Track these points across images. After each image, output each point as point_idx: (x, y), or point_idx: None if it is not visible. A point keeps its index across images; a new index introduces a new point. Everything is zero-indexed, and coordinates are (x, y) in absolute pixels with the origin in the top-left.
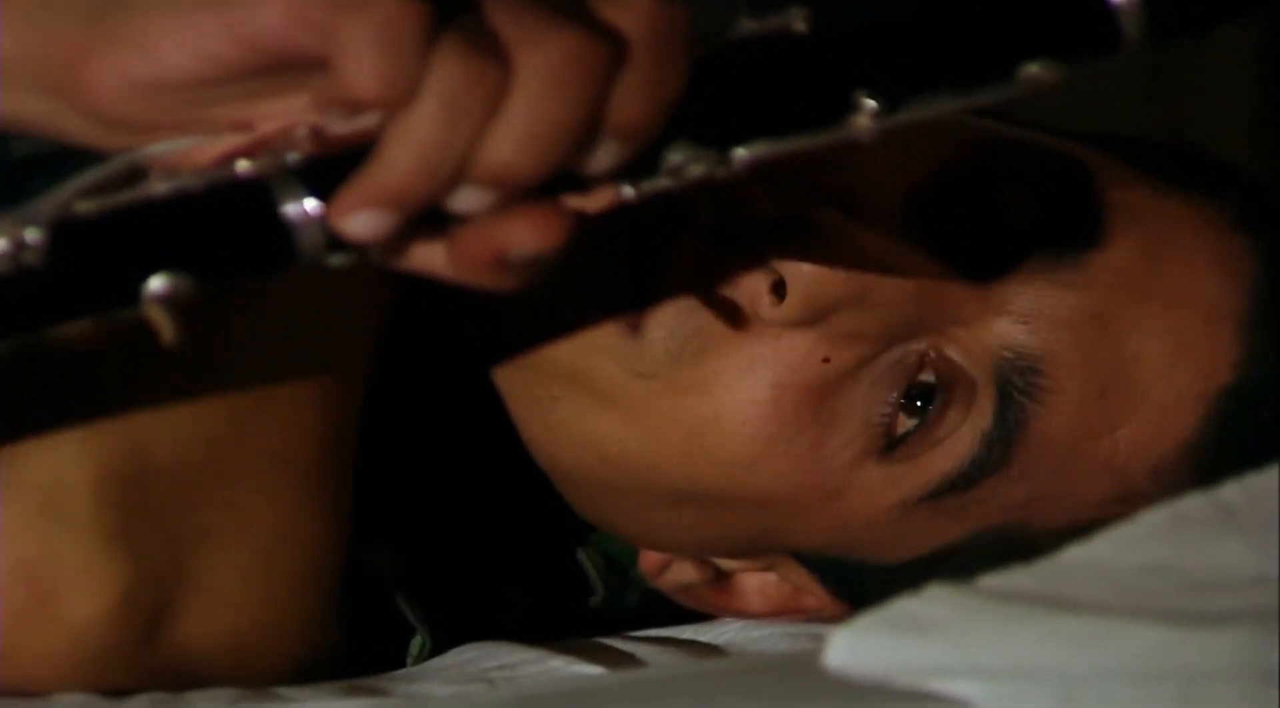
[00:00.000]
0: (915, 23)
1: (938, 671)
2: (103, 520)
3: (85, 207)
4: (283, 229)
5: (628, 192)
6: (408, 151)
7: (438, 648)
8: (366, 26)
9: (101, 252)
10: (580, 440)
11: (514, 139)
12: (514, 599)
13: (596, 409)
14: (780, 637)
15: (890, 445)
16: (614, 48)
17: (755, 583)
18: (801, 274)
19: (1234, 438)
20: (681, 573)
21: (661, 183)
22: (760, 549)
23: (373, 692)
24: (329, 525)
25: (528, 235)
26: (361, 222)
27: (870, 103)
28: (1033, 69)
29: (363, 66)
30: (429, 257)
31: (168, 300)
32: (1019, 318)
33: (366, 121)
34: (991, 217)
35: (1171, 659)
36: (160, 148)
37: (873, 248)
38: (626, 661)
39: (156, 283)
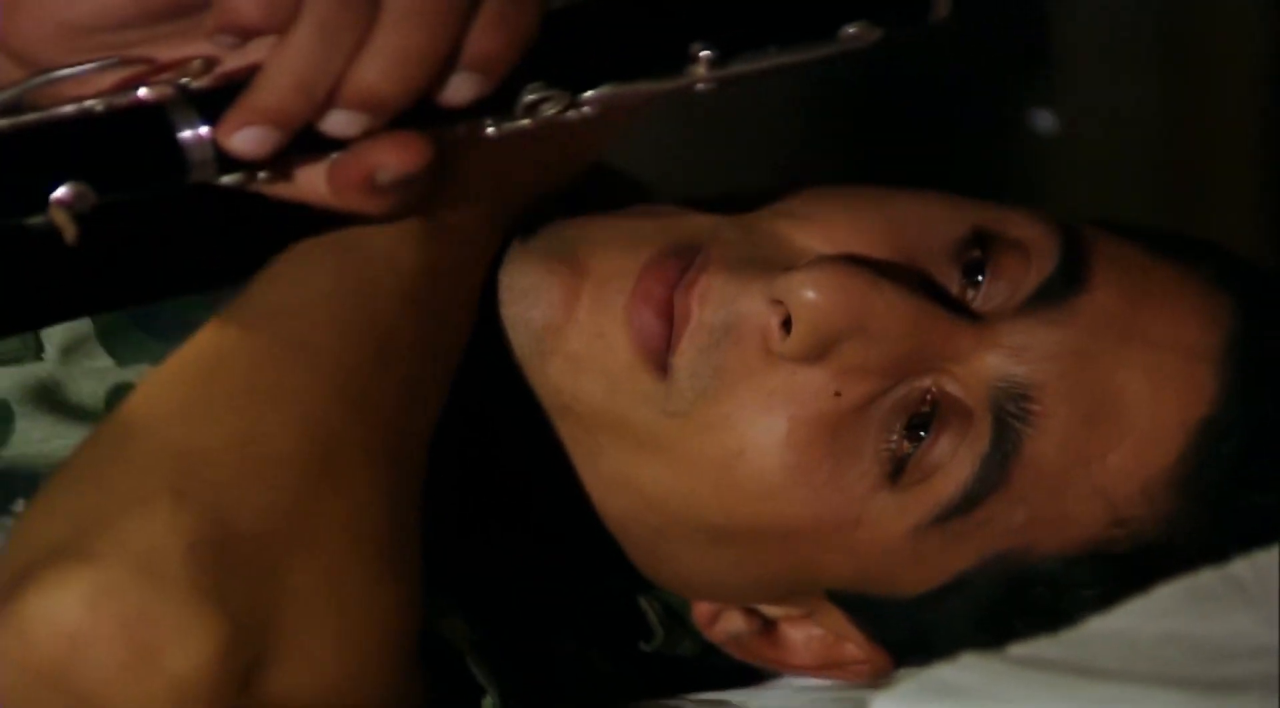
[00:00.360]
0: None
1: None
2: (196, 582)
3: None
4: (176, 148)
5: (490, 130)
6: (284, 73)
7: (507, 706)
8: None
9: (12, 163)
10: (626, 485)
11: (379, 64)
12: (576, 647)
13: (637, 453)
14: (826, 702)
15: (896, 471)
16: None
17: (800, 635)
18: (805, 306)
19: (1214, 465)
20: (730, 622)
21: (521, 123)
22: (797, 590)
23: None
24: (404, 589)
25: (391, 156)
26: (244, 138)
27: (705, 53)
28: (851, 30)
29: None
30: (313, 183)
31: (70, 206)
32: (1011, 352)
33: (256, 54)
34: (982, 277)
35: None
36: (68, 72)
37: (869, 285)
38: None
39: (61, 190)
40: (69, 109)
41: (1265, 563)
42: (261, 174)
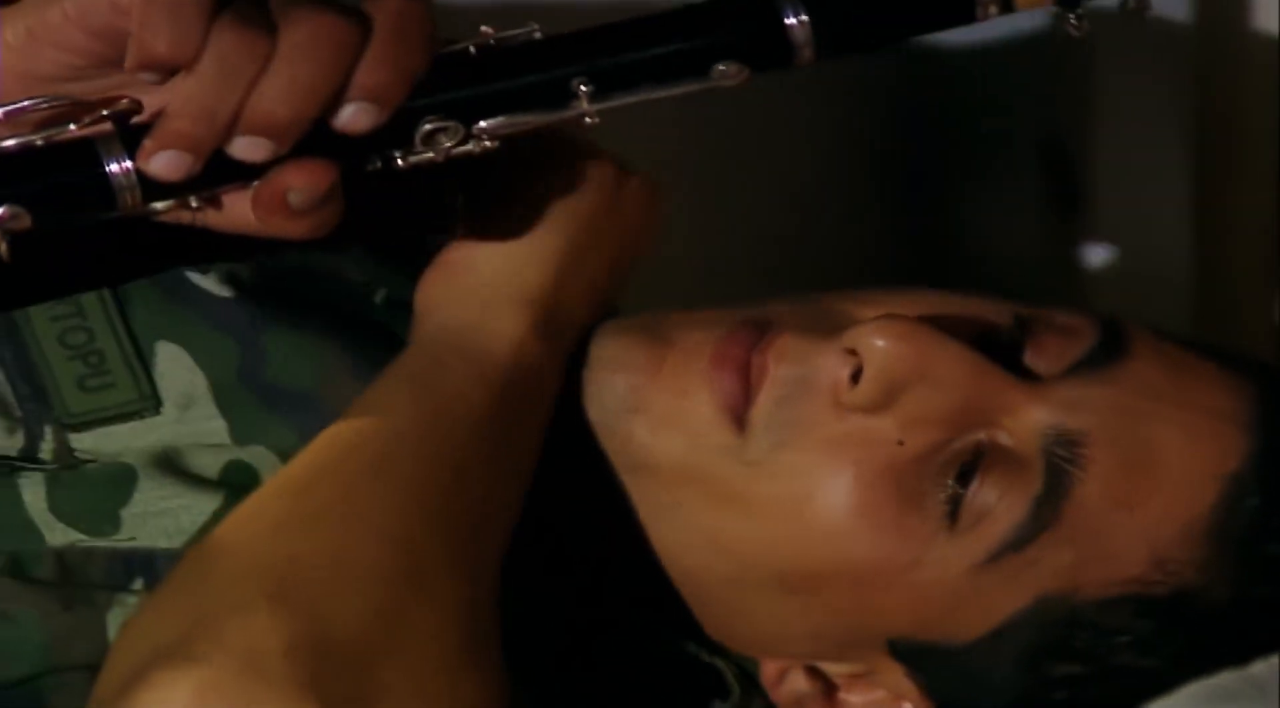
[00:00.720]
0: (627, 29)
1: None
2: (295, 678)
3: None
4: (104, 176)
5: (399, 162)
6: (191, 101)
7: None
8: (160, 4)
9: None
10: (703, 537)
11: (273, 93)
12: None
13: (715, 504)
14: None
15: (953, 514)
16: (360, 27)
17: (860, 700)
18: (875, 351)
19: (1243, 516)
20: (795, 683)
21: (425, 155)
22: (861, 640)
23: None
24: (487, 687)
25: (298, 178)
26: (160, 162)
27: (585, 88)
28: (722, 68)
29: (157, 34)
30: (241, 213)
31: (4, 226)
32: (1060, 406)
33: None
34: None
35: None
36: (12, 107)
37: (932, 335)
38: None
39: None
40: (10, 142)
41: None
42: (193, 202)
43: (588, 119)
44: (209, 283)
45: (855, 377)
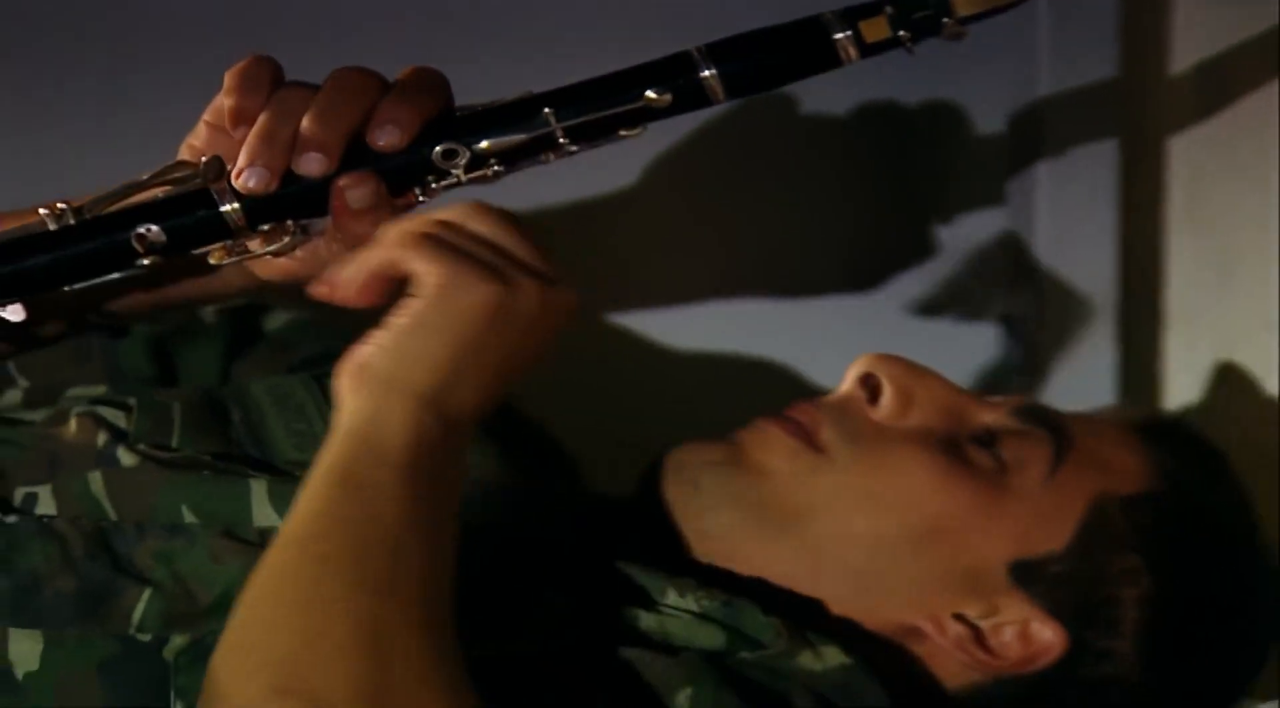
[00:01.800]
0: (588, 82)
1: None
2: None
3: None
4: (208, 195)
5: (432, 186)
6: (259, 131)
7: None
8: (238, 73)
9: (111, 223)
10: (833, 538)
11: (313, 118)
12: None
13: (830, 509)
14: None
15: (999, 466)
16: (379, 79)
17: (1003, 637)
18: (882, 366)
19: (1152, 512)
20: (952, 628)
21: (450, 178)
22: (985, 574)
23: None
24: (467, 700)
25: (353, 182)
26: (247, 177)
27: (552, 115)
28: (652, 94)
29: (230, 98)
30: (284, 265)
31: (150, 244)
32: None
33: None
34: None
35: None
36: (147, 178)
37: (910, 363)
38: None
39: (145, 228)
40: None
41: None
42: (291, 225)
43: (560, 139)
44: None
45: (873, 399)
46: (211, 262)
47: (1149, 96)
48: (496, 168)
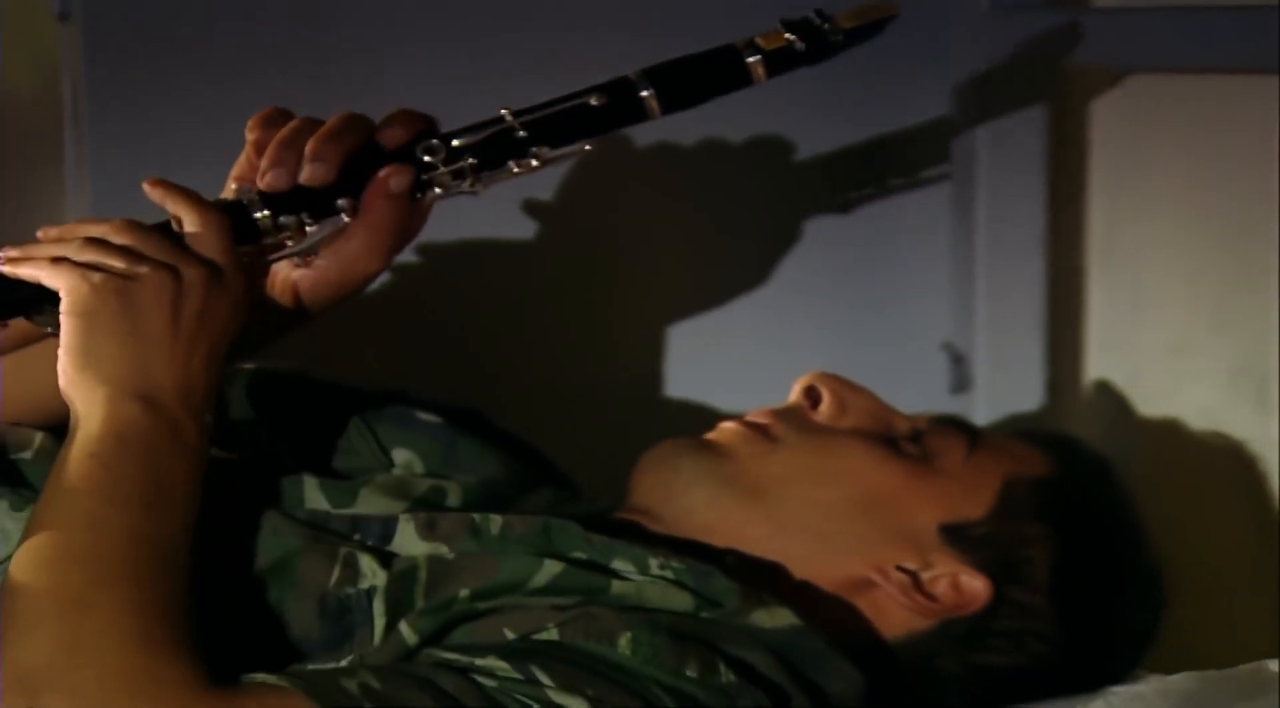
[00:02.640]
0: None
1: None
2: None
3: None
4: (240, 204)
5: (436, 190)
6: (276, 144)
7: None
8: (259, 117)
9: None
10: (797, 503)
11: (317, 140)
12: None
13: (788, 482)
14: None
15: (923, 454)
16: (365, 117)
17: (940, 585)
18: (820, 380)
19: (1053, 492)
20: (896, 576)
21: (461, 184)
22: (921, 534)
23: None
24: (182, 670)
25: (390, 171)
26: (268, 177)
27: (509, 112)
28: (593, 102)
29: (252, 134)
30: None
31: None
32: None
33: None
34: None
35: None
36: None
37: (841, 378)
38: None
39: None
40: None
41: (1120, 700)
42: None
43: (520, 133)
44: (427, 416)
45: (814, 406)
46: (270, 258)
47: (1070, 159)
48: (472, 161)
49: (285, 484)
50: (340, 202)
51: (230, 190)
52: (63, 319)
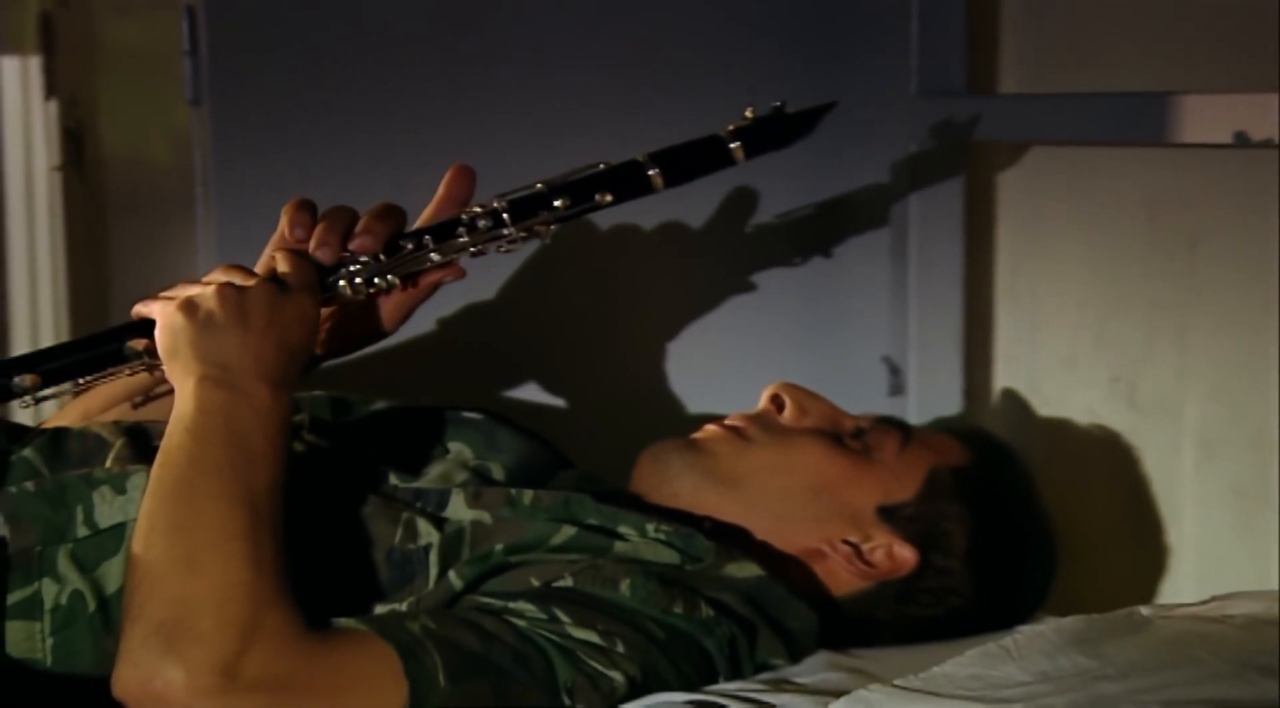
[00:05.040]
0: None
1: None
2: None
3: None
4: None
5: (471, 252)
6: (322, 225)
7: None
8: (293, 204)
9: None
10: (762, 489)
11: (362, 219)
12: None
13: (759, 473)
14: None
15: (865, 449)
16: (399, 208)
17: (877, 554)
18: (784, 388)
19: (969, 478)
20: (841, 549)
21: (493, 239)
22: (862, 514)
23: None
24: (287, 614)
25: (452, 272)
26: (319, 253)
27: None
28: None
29: (288, 216)
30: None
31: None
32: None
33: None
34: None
35: None
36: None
37: (804, 389)
38: None
39: None
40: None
41: (1025, 635)
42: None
43: (556, 202)
44: (471, 414)
45: (780, 410)
46: (347, 294)
47: (982, 214)
48: (509, 230)
49: (365, 466)
50: (391, 278)
51: (268, 256)
52: (156, 333)
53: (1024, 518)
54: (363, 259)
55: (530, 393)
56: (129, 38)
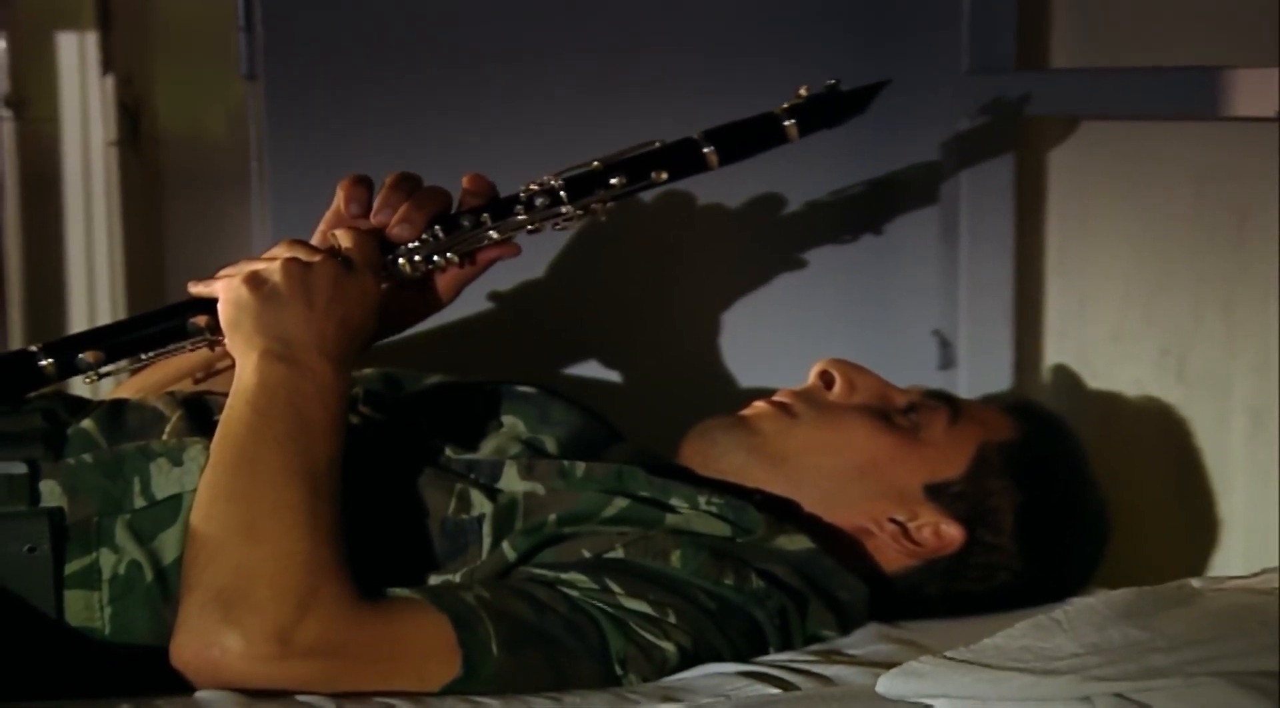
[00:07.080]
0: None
1: (928, 695)
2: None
3: None
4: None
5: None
6: (407, 206)
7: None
8: (350, 180)
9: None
10: (809, 467)
11: (406, 208)
12: None
13: (806, 450)
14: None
15: (914, 426)
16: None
17: (924, 533)
18: (833, 364)
19: (1017, 453)
20: (889, 527)
21: (520, 217)
22: (909, 493)
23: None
24: (342, 585)
25: (501, 247)
26: (398, 229)
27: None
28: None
29: (345, 190)
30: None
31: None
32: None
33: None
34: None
35: (1033, 690)
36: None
37: (854, 365)
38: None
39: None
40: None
41: (1075, 608)
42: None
43: (612, 179)
44: (525, 388)
45: (828, 386)
46: (406, 271)
47: (1032, 190)
48: (568, 210)
49: (419, 438)
50: (451, 255)
51: (324, 232)
52: (219, 308)
53: (1073, 492)
54: (422, 236)
55: (582, 368)
56: (185, 13)
